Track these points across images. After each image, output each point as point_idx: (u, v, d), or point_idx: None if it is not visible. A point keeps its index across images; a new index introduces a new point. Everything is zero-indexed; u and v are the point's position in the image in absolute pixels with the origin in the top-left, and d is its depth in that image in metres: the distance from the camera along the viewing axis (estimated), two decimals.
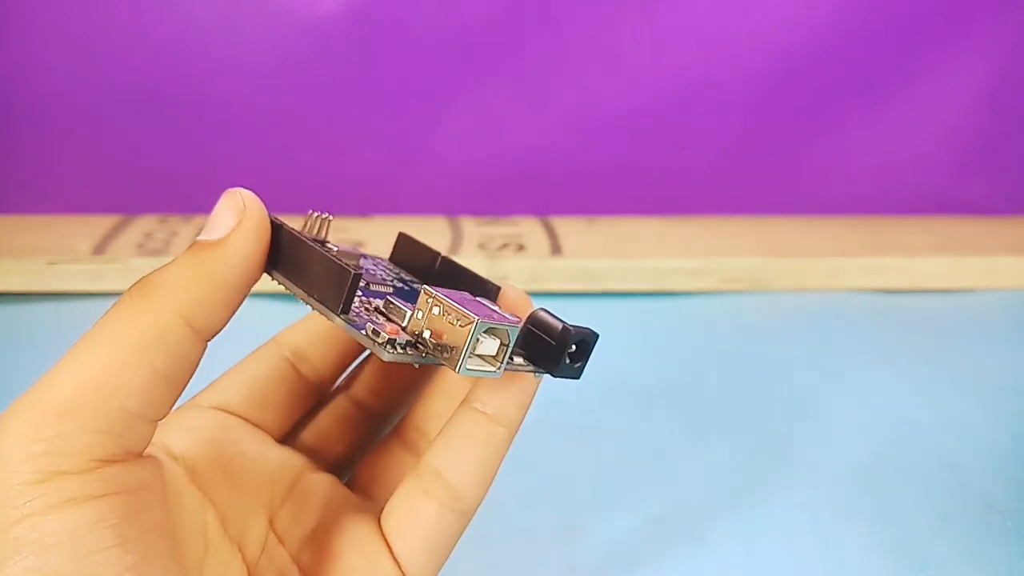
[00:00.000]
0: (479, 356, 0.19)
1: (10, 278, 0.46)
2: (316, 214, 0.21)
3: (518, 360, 0.21)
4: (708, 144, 0.56)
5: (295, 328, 0.26)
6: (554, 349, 0.20)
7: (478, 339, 0.19)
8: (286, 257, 0.20)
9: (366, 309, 0.20)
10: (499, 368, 0.19)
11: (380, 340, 0.19)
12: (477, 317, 0.18)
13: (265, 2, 0.50)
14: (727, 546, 0.31)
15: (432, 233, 0.51)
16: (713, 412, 0.39)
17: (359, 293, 0.20)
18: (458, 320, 0.19)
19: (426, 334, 0.19)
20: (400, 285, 0.24)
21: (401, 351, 0.19)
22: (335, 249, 0.22)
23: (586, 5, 0.52)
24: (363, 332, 0.19)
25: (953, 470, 0.35)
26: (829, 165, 0.57)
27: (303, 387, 0.25)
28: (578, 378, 0.21)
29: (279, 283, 0.20)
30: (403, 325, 0.20)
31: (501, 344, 0.19)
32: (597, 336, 0.21)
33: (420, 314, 0.19)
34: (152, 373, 0.17)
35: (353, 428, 0.26)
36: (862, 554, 0.30)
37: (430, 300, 0.19)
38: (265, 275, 0.20)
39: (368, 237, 0.49)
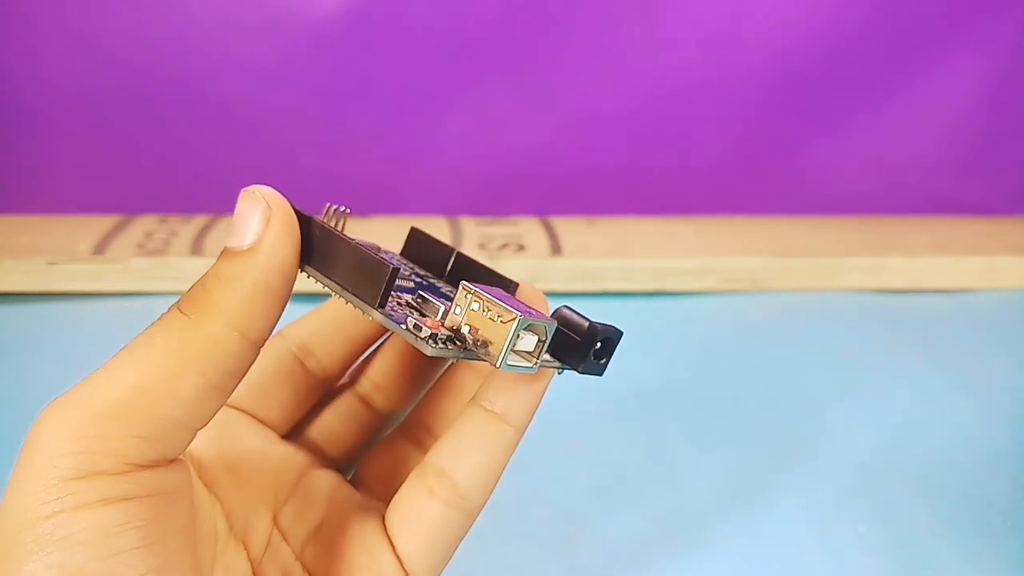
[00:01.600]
0: (516, 352, 0.19)
1: (10, 278, 0.46)
2: (333, 208, 0.21)
3: (545, 357, 0.21)
4: (708, 144, 0.56)
5: (302, 322, 0.26)
6: (580, 346, 0.21)
7: (519, 335, 0.19)
8: (318, 251, 0.20)
9: (398, 303, 0.20)
10: (535, 364, 0.20)
11: (422, 335, 0.19)
12: (519, 314, 0.18)
13: (265, 2, 0.50)
14: (727, 546, 0.31)
15: (432, 233, 0.51)
16: (713, 412, 0.39)
17: None
18: (499, 316, 0.19)
19: (464, 329, 0.19)
20: (419, 280, 0.24)
21: (443, 346, 0.19)
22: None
23: (586, 5, 0.52)
24: (403, 327, 0.19)
25: (953, 470, 0.35)
26: (829, 165, 0.57)
27: (308, 382, 0.25)
28: (601, 375, 0.21)
29: (311, 276, 0.20)
30: (440, 320, 0.20)
31: (539, 340, 0.19)
32: (621, 333, 0.21)
33: (459, 309, 0.19)
34: (204, 383, 0.18)
35: (358, 425, 0.26)
36: (862, 554, 0.30)
37: (469, 296, 0.19)
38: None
39: (368, 237, 0.49)
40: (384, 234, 0.29)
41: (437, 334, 0.19)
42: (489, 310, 0.19)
